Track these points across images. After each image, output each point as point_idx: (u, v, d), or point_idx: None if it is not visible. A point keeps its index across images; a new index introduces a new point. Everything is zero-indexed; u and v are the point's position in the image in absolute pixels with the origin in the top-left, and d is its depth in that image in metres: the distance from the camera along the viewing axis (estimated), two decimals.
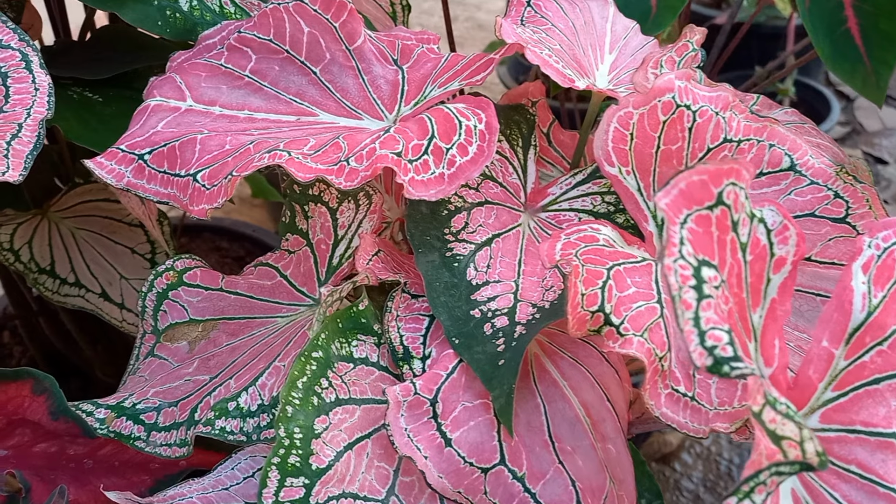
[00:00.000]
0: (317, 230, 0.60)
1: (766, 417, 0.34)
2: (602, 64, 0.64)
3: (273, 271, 0.61)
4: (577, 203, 0.63)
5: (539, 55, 0.56)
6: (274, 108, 0.61)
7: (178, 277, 0.61)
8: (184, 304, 0.61)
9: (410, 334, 0.54)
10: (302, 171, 0.51)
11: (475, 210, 0.59)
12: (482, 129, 0.54)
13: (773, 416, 0.34)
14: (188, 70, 0.62)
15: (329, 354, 0.49)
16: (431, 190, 0.52)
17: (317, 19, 0.61)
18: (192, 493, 0.50)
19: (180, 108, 0.60)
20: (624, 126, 0.49)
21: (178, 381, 0.57)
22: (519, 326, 0.52)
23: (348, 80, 0.62)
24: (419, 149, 0.53)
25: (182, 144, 0.58)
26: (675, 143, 0.49)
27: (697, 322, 0.33)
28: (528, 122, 0.67)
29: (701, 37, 0.63)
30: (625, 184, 0.51)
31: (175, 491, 0.50)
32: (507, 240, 0.59)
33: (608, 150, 0.50)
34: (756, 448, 0.35)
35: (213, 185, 0.55)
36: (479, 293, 0.55)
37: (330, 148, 0.53)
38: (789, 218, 0.38)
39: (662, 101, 0.48)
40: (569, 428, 0.50)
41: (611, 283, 0.46)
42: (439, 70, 0.62)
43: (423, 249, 0.56)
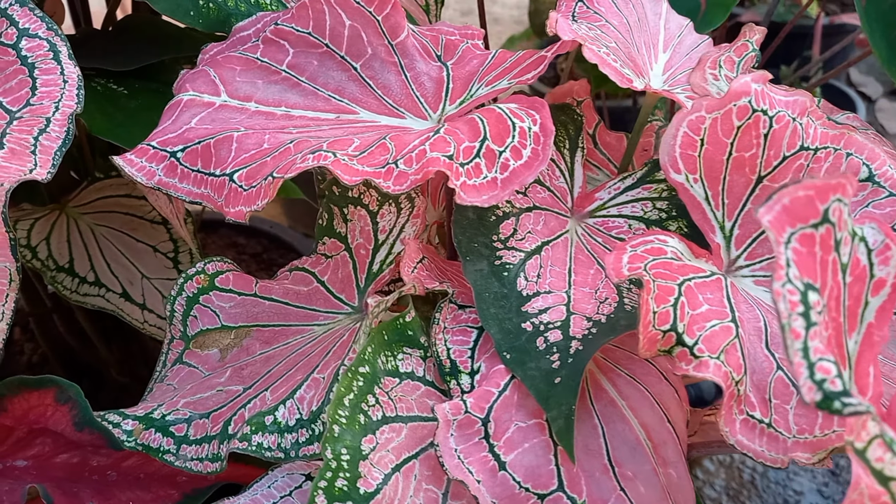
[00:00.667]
0: (356, 234, 0.57)
1: (872, 455, 0.31)
2: (656, 63, 0.61)
3: (309, 277, 0.58)
4: (626, 209, 0.60)
5: (597, 53, 0.53)
6: (312, 104, 0.58)
7: (210, 281, 0.58)
8: (215, 310, 0.58)
9: (458, 347, 0.51)
10: (349, 173, 0.48)
11: (523, 216, 0.56)
12: (537, 131, 0.51)
13: (882, 454, 0.31)
14: (222, 63, 0.59)
15: (375, 369, 0.46)
16: (484, 195, 0.49)
17: (359, 12, 0.58)
18: None
19: (214, 103, 0.57)
20: (695, 131, 0.46)
21: (210, 392, 0.55)
22: (574, 342, 0.50)
23: (390, 76, 0.59)
24: (470, 151, 0.50)
25: (217, 142, 0.55)
26: (749, 149, 0.46)
27: (807, 353, 0.30)
28: (575, 123, 0.64)
29: (760, 36, 0.60)
30: (691, 192, 0.48)
31: None
32: (557, 247, 0.57)
33: (675, 155, 0.47)
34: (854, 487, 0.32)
35: (251, 185, 0.52)
36: (531, 304, 0.52)
37: (376, 149, 0.50)
38: (892, 235, 0.35)
39: (738, 106, 0.45)
40: (629, 451, 0.47)
41: (683, 299, 0.43)
42: (486, 67, 0.59)
43: (471, 257, 0.53)
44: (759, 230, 0.48)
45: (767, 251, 0.48)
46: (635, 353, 0.52)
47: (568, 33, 0.53)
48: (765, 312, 0.46)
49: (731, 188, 0.47)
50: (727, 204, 0.48)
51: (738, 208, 0.48)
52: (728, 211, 0.48)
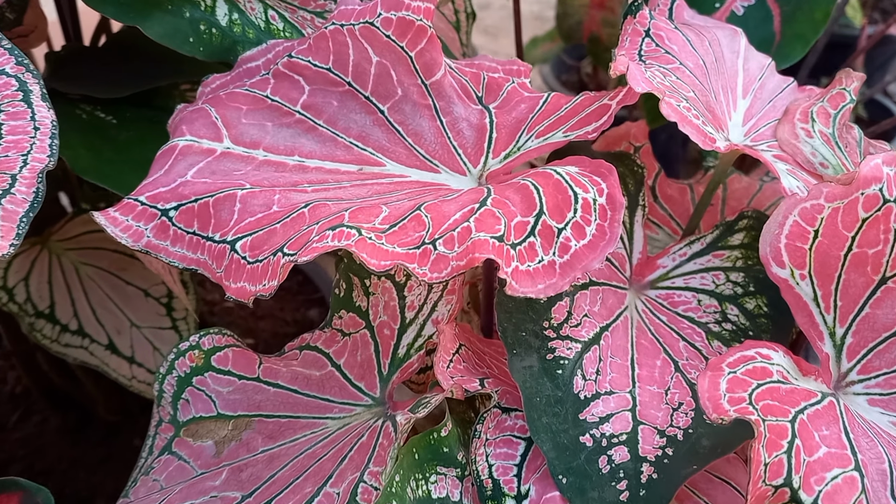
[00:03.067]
0: (379, 310, 0.49)
1: None
2: (735, 112, 0.52)
3: (322, 358, 0.49)
4: (694, 280, 0.52)
5: (676, 109, 0.44)
6: (330, 153, 0.49)
7: (206, 359, 0.49)
8: (211, 395, 0.49)
9: (501, 463, 0.42)
10: (377, 257, 0.39)
11: (579, 295, 0.47)
12: (603, 203, 0.42)
13: None
14: (226, 101, 0.50)
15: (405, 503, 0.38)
16: (539, 284, 0.40)
17: (389, 47, 0.49)
18: None
19: (215, 150, 0.49)
20: (808, 221, 0.37)
21: (202, 498, 0.46)
22: (646, 465, 0.41)
23: (423, 121, 0.50)
24: (524, 228, 0.41)
25: (218, 201, 0.46)
26: (875, 245, 0.37)
27: None
28: (635, 177, 0.55)
29: (859, 84, 0.51)
30: (796, 290, 0.39)
31: None
32: (616, 333, 0.48)
33: (779, 247, 0.38)
34: None
35: (256, 258, 0.43)
36: (590, 410, 0.43)
37: (409, 223, 0.41)
38: None
39: (866, 195, 0.36)
40: None
41: (797, 442, 0.34)
42: (537, 114, 0.50)
43: (519, 350, 0.44)
44: (877, 339, 0.39)
45: (886, 364, 0.40)
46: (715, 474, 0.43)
47: (641, 83, 0.44)
48: (886, 447, 0.37)
49: (847, 288, 0.38)
50: (840, 307, 0.39)
51: (853, 312, 0.39)
52: (840, 315, 0.39)
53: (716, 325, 0.50)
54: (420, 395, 0.44)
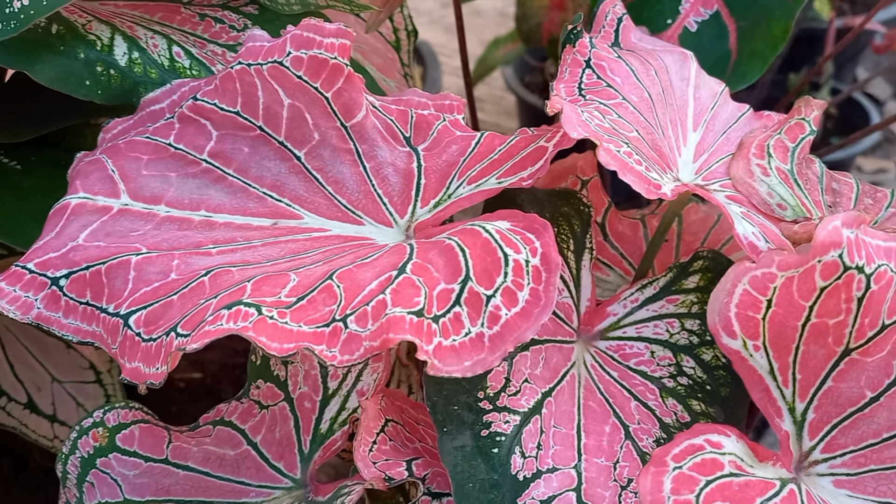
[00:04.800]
0: (299, 380, 0.44)
1: None
2: (685, 147, 0.48)
3: (237, 435, 0.44)
4: (646, 329, 0.48)
5: (616, 156, 0.40)
6: (241, 206, 0.45)
7: (110, 439, 0.45)
8: (116, 478, 0.44)
9: None
10: (278, 340, 0.35)
11: (518, 357, 0.43)
12: (537, 264, 0.38)
13: None
14: (124, 151, 0.45)
15: None
16: (466, 361, 0.36)
17: (301, 88, 0.44)
18: None
19: (111, 208, 0.44)
20: (759, 290, 0.33)
21: None
22: None
23: (344, 168, 0.45)
24: (447, 298, 0.37)
25: (111, 268, 0.41)
26: (836, 315, 0.33)
27: None
28: (580, 216, 0.50)
29: (819, 112, 0.47)
30: (750, 362, 0.35)
31: None
32: (561, 396, 0.44)
33: (729, 316, 0.34)
34: None
35: (150, 336, 0.39)
36: (529, 493, 0.39)
37: (318, 295, 0.37)
38: None
39: (824, 262, 0.32)
40: None
41: None
42: (469, 157, 0.45)
43: (450, 428, 0.40)
44: (842, 414, 0.35)
45: (853, 441, 0.36)
46: None
47: (577, 129, 0.39)
48: None
49: (807, 361, 0.34)
50: (799, 380, 0.35)
51: (814, 386, 0.35)
52: (800, 389, 0.35)
53: (670, 379, 0.46)
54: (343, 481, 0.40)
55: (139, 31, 0.49)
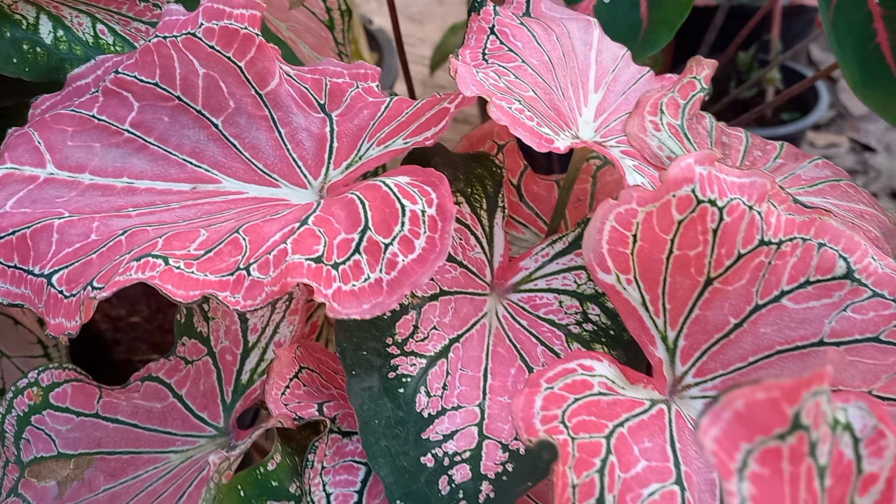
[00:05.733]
0: (220, 335, 0.46)
1: None
2: (586, 108, 0.50)
3: (164, 389, 0.47)
4: (556, 281, 0.50)
5: (507, 111, 0.42)
6: (162, 172, 0.47)
7: (44, 397, 0.47)
8: (50, 433, 0.47)
9: (341, 491, 0.40)
10: (182, 287, 0.37)
11: (427, 306, 0.46)
12: (433, 214, 0.40)
13: None
14: (50, 125, 0.47)
15: None
16: (365, 304, 0.38)
17: (214, 58, 0.46)
18: None
19: (38, 177, 0.46)
20: (624, 226, 0.36)
21: None
22: (485, 484, 0.40)
23: (260, 134, 0.48)
24: (347, 246, 0.39)
25: (35, 232, 0.43)
26: (695, 247, 0.36)
27: None
28: (493, 177, 0.53)
29: (710, 71, 0.50)
30: (624, 295, 0.38)
31: None
32: (469, 342, 0.46)
33: (602, 252, 0.36)
34: None
35: (72, 293, 0.41)
36: (433, 429, 0.42)
37: (225, 247, 0.39)
38: (886, 419, 0.25)
39: (678, 196, 0.35)
40: None
41: (612, 459, 0.33)
42: (379, 120, 0.48)
43: (359, 371, 0.42)
44: (710, 340, 0.38)
45: (721, 366, 0.38)
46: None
47: (471, 87, 0.42)
48: None
49: (674, 291, 0.37)
50: (669, 310, 0.38)
51: (683, 315, 0.38)
52: (671, 318, 0.38)
53: (576, 326, 0.48)
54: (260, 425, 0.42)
55: (64, 11, 0.52)
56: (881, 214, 0.49)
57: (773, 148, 0.51)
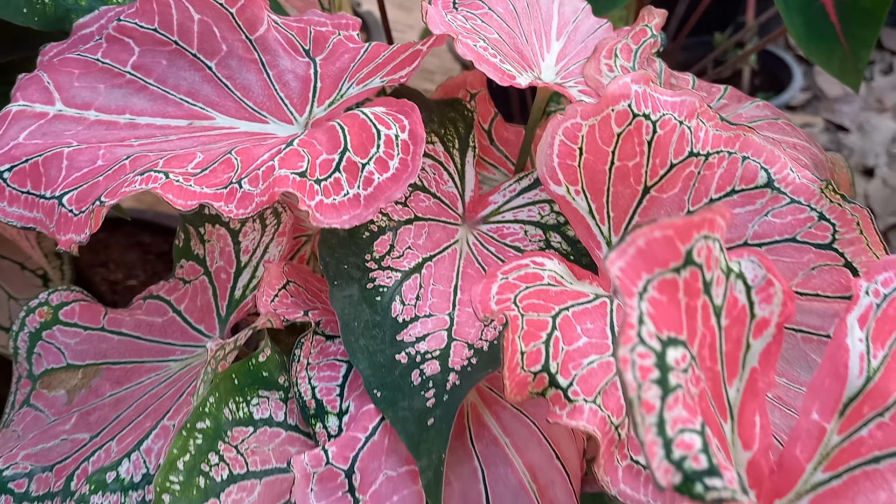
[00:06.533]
0: (215, 256, 0.51)
1: None
2: (548, 53, 0.55)
3: (165, 306, 0.51)
4: (522, 213, 0.55)
5: (472, 48, 0.47)
6: (161, 110, 0.52)
7: (53, 314, 0.52)
8: (60, 347, 0.51)
9: (325, 384, 0.45)
10: (182, 197, 0.42)
11: (402, 229, 0.51)
12: (405, 138, 0.45)
13: None
14: (58, 67, 0.52)
15: (220, 422, 0.41)
16: (344, 215, 0.43)
17: (208, 5, 0.51)
18: None
19: (48, 113, 0.50)
20: (571, 139, 0.41)
21: (54, 441, 0.49)
22: (452, 374, 0.44)
23: (250, 75, 0.53)
24: (329, 165, 0.44)
25: (46, 160, 0.48)
26: (633, 158, 0.41)
27: (662, 428, 0.25)
28: (465, 120, 0.58)
29: (661, 20, 0.55)
30: (574, 205, 0.42)
31: None
32: (441, 263, 0.51)
33: (553, 166, 0.41)
34: None
35: (81, 210, 0.45)
36: (407, 332, 0.47)
37: (219, 166, 0.44)
38: (773, 271, 0.30)
39: (616, 111, 0.40)
40: (511, 498, 0.42)
41: (557, 334, 0.38)
42: (358, 63, 0.53)
43: (340, 282, 0.47)
44: None
45: None
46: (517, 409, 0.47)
47: (439, 26, 0.47)
48: None
49: (617, 200, 0.42)
50: (613, 217, 0.43)
51: (625, 222, 0.43)
52: (615, 225, 0.43)
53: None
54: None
55: None
56: (814, 148, 0.54)
57: (718, 90, 0.56)
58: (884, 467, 0.33)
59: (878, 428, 0.33)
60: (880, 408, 0.33)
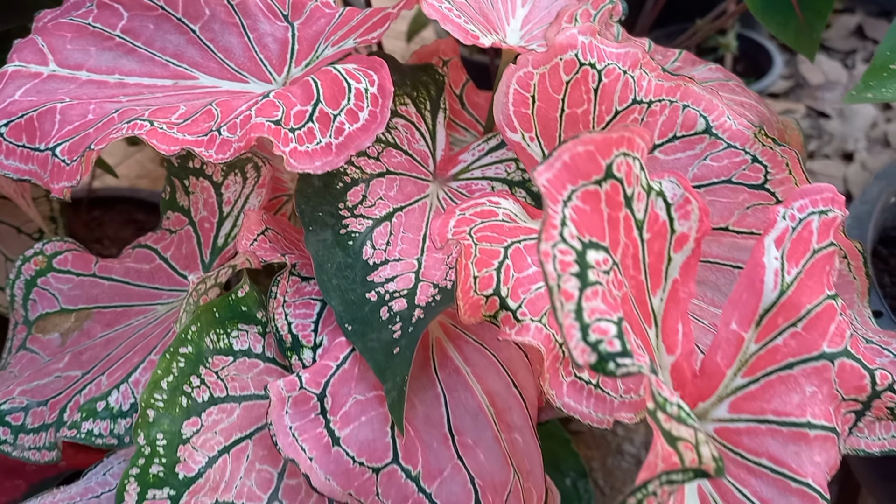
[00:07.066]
0: (199, 207, 0.55)
1: (661, 416, 0.30)
2: (514, 18, 0.59)
3: (152, 254, 0.55)
4: (489, 171, 0.59)
5: (437, 9, 0.51)
6: (148, 71, 0.55)
7: (48, 262, 0.55)
8: (54, 293, 0.55)
9: (300, 321, 0.49)
10: (165, 142, 0.45)
11: (375, 181, 0.54)
12: (374, 92, 0.49)
13: (667, 416, 0.30)
14: (52, 31, 0.55)
15: (201, 349, 0.44)
16: (317, 162, 0.47)
17: None
18: (58, 502, 0.45)
19: (42, 73, 0.54)
20: (524, 88, 0.44)
21: (48, 378, 0.52)
22: (418, 310, 0.48)
23: (232, 38, 0.56)
24: (302, 116, 0.47)
25: (41, 115, 0.51)
26: (581, 105, 0.45)
27: (580, 314, 0.29)
28: (436, 84, 0.62)
29: None
30: (529, 151, 0.46)
31: (39, 500, 0.45)
32: (412, 213, 0.55)
33: (509, 114, 0.45)
34: (653, 448, 0.31)
35: (73, 160, 0.49)
36: (377, 273, 0.50)
37: (201, 116, 0.48)
38: (691, 190, 0.34)
39: (564, 60, 0.43)
40: (471, 420, 0.46)
41: (508, 263, 0.41)
42: (333, 26, 0.56)
43: (315, 227, 0.51)
44: None
45: None
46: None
47: None
48: None
49: None
50: None
51: None
52: None
53: None
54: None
55: None
56: (763, 108, 0.57)
57: (673, 53, 0.59)
58: (797, 372, 0.36)
59: (792, 337, 0.36)
60: (793, 318, 0.36)
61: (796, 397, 0.36)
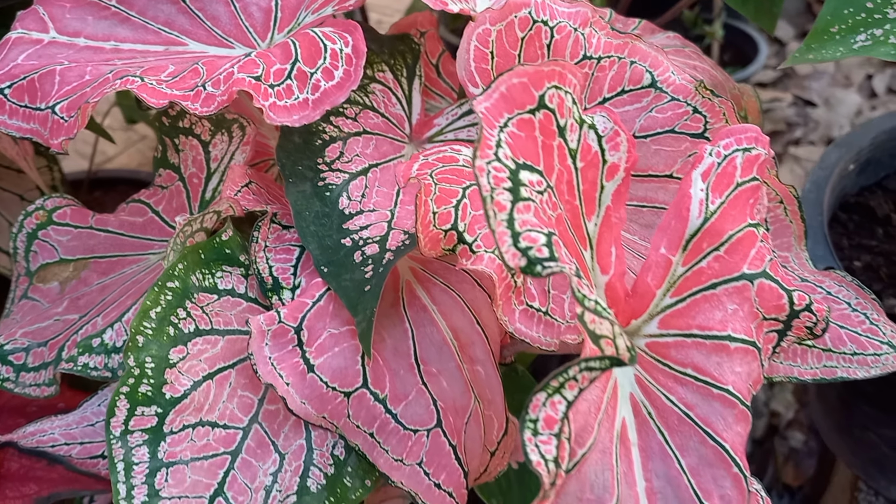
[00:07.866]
0: (189, 164, 0.59)
1: (588, 318, 0.34)
2: None
3: (145, 207, 0.59)
4: (462, 133, 0.62)
5: None
6: (142, 38, 0.59)
7: (48, 217, 0.59)
8: (54, 244, 0.59)
9: (280, 265, 0.53)
10: (154, 96, 0.49)
11: (351, 140, 0.58)
12: (349, 52, 0.53)
13: (592, 316, 0.34)
14: (52, 1, 0.59)
15: (188, 285, 0.48)
16: (294, 116, 0.51)
17: None
18: (55, 429, 0.49)
19: (43, 40, 0.58)
20: (483, 44, 0.48)
21: (48, 322, 0.56)
22: (388, 253, 0.52)
23: (219, 7, 0.60)
24: (281, 73, 0.51)
25: (42, 76, 0.55)
26: (535, 60, 0.49)
27: (511, 223, 0.32)
28: (412, 52, 0.65)
29: None
30: None
31: (36, 427, 0.49)
32: (387, 170, 0.59)
33: (471, 70, 0.49)
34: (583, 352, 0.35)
35: (71, 116, 0.53)
36: (352, 222, 0.54)
37: (188, 74, 0.52)
38: (620, 124, 0.38)
39: (519, 17, 0.47)
40: (436, 351, 0.50)
41: (465, 201, 0.45)
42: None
43: (294, 179, 0.55)
44: None
45: None
46: (452, 263, 0.55)
47: None
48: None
49: None
50: None
51: None
52: None
53: None
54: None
55: None
56: (717, 73, 0.61)
57: (633, 21, 0.63)
58: (719, 292, 0.40)
59: (715, 260, 0.40)
60: (716, 243, 0.40)
61: (719, 314, 0.40)
